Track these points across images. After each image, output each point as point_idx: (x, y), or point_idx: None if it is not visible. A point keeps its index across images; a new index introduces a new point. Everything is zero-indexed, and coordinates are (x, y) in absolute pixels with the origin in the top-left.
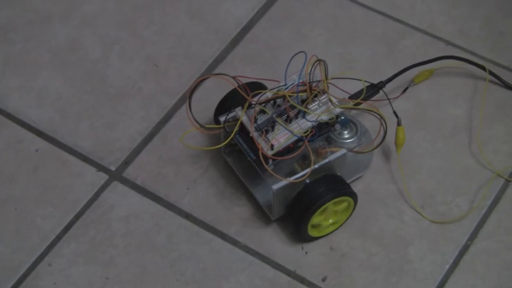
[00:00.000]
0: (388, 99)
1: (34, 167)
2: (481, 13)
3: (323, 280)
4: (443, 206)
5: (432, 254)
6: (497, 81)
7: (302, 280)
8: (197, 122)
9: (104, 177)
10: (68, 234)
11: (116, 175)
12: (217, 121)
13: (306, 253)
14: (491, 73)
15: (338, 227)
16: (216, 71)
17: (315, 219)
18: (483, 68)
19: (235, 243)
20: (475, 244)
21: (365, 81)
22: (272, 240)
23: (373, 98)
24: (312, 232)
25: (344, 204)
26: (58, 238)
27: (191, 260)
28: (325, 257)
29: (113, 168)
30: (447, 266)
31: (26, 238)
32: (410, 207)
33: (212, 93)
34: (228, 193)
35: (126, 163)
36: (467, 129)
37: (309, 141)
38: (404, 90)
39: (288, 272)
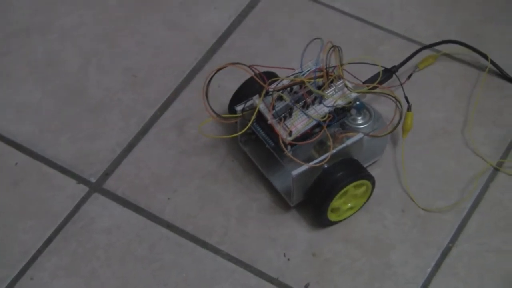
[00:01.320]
0: (401, 83)
1: (14, 181)
2: (458, 18)
3: (306, 286)
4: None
5: (414, 258)
6: (497, 70)
7: (285, 287)
8: (214, 111)
9: (84, 189)
10: (50, 247)
11: (97, 187)
12: (232, 111)
13: (288, 259)
14: (492, 62)
15: (356, 212)
16: (195, 80)
17: (336, 202)
18: (485, 57)
19: (217, 251)
20: (457, 246)
21: (381, 66)
22: (254, 248)
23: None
24: (332, 217)
25: (363, 188)
26: (40, 251)
27: (174, 270)
28: (308, 263)
29: (93, 179)
30: (429, 270)
31: (8, 252)
32: (391, 212)
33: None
34: (208, 198)
35: (106, 174)
36: (457, 128)
37: (327, 126)
38: (409, 76)
39: (271, 280)
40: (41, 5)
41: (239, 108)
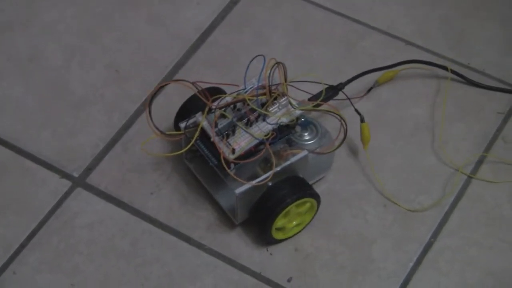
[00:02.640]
0: (349, 99)
1: None
2: (439, 13)
3: (289, 281)
4: (407, 204)
5: (395, 252)
6: (460, 79)
7: (267, 281)
8: (157, 128)
9: (67, 184)
10: (32, 242)
11: (80, 182)
12: (177, 128)
13: (271, 254)
14: (453, 71)
15: (303, 229)
16: (178, 75)
17: (279, 221)
18: (445, 68)
19: (200, 246)
20: (439, 241)
21: (324, 84)
22: (237, 242)
23: (336, 99)
24: (277, 235)
25: (307, 205)
26: (22, 246)
27: (156, 265)
28: (290, 258)
29: (76, 174)
30: (411, 264)
31: None
32: (373, 207)
33: (174, 99)
34: (192, 199)
35: (89, 169)
36: (429, 128)
37: (270, 144)
38: (369, 90)
39: (254, 274)
40: (23, 0)
41: (182, 125)
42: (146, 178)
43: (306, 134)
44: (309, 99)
